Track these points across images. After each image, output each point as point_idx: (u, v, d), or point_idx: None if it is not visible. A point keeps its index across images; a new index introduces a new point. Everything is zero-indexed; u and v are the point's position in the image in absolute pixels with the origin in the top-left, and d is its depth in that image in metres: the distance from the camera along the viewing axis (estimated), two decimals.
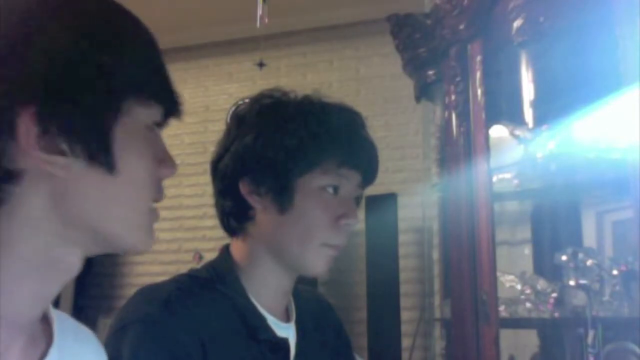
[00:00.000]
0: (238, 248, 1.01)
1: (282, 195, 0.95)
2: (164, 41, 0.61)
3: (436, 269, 2.55)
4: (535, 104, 2.01)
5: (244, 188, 0.97)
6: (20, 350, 0.55)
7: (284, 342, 0.98)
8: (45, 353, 0.58)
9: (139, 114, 0.58)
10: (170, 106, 0.62)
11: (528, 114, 2.02)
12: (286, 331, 0.99)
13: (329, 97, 1.02)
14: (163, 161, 0.63)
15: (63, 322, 0.64)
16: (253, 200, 0.97)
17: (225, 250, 1.02)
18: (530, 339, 2.08)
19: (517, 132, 1.95)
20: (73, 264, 0.57)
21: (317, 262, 0.97)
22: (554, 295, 1.80)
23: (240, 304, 0.95)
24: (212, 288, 0.95)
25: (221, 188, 1.01)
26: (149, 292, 0.93)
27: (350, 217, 0.97)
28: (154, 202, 0.62)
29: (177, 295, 0.90)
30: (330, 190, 0.97)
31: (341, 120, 0.98)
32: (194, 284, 0.95)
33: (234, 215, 1.00)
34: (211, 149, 1.03)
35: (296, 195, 0.95)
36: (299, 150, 0.94)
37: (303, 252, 0.96)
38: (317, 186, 0.96)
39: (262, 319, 0.96)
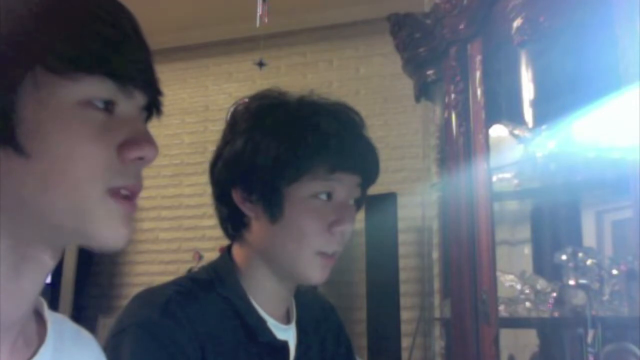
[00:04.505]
0: (237, 252, 1.00)
1: (272, 205, 0.92)
2: (164, 41, 0.60)
3: (436, 269, 2.55)
4: (535, 104, 2.01)
5: (236, 196, 0.95)
6: (9, 350, 0.55)
7: (284, 345, 0.97)
8: (37, 353, 0.57)
9: (62, 89, 0.52)
10: (119, 79, 0.54)
11: (528, 113, 2.02)
12: (286, 333, 0.99)
13: (326, 97, 0.98)
14: (125, 143, 0.55)
15: (61, 325, 0.63)
16: (246, 209, 0.95)
17: (227, 252, 1.01)
18: (530, 339, 2.08)
19: (517, 131, 1.96)
20: (43, 260, 0.55)
21: (311, 271, 0.94)
22: (554, 294, 1.80)
23: (240, 307, 0.95)
24: (212, 290, 0.95)
25: (217, 194, 1.00)
26: (148, 296, 0.92)
27: (343, 224, 0.93)
28: (121, 188, 0.55)
29: (177, 298, 0.90)
30: (323, 196, 0.93)
31: (332, 122, 0.94)
32: (193, 286, 0.94)
33: (230, 221, 0.99)
34: (211, 149, 1.02)
35: (286, 204, 0.92)
36: (286, 158, 0.91)
37: (296, 262, 0.94)
38: (308, 194, 0.92)
39: (262, 322, 0.96)
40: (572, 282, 1.77)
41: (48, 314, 0.62)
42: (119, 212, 0.55)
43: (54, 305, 0.62)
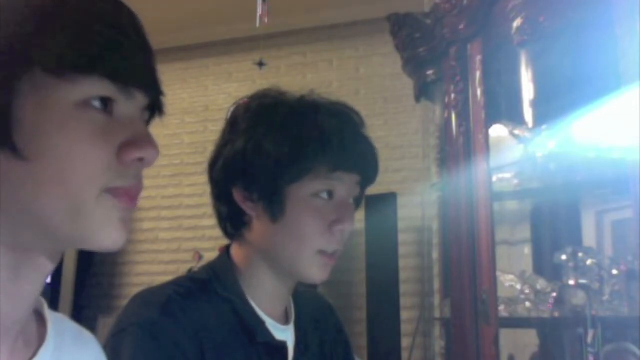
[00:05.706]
0: (237, 251, 1.00)
1: (273, 204, 0.93)
2: (164, 41, 0.60)
3: (436, 269, 2.55)
4: (535, 104, 2.01)
5: (237, 195, 0.95)
6: (9, 351, 0.55)
7: (282, 345, 0.97)
8: (37, 353, 0.57)
9: (60, 90, 0.51)
10: (117, 80, 0.54)
11: (528, 113, 2.02)
12: (285, 334, 0.99)
13: (326, 97, 0.99)
14: (125, 145, 0.55)
15: (61, 325, 0.63)
16: (247, 208, 0.96)
17: (226, 252, 1.02)
18: (529, 339, 2.08)
19: (517, 131, 1.96)
20: (42, 263, 0.55)
21: (312, 270, 0.95)
22: (554, 294, 1.80)
23: (239, 307, 0.95)
24: (211, 290, 0.95)
25: (217, 193, 1.00)
26: (147, 296, 0.92)
27: (344, 223, 0.94)
28: (120, 190, 0.55)
29: (176, 298, 0.90)
30: (324, 195, 0.94)
31: (333, 122, 0.94)
32: (192, 286, 0.94)
33: (230, 220, 0.99)
34: (211, 149, 1.02)
35: (287, 203, 0.93)
36: (288, 158, 0.91)
37: (297, 261, 0.94)
38: (309, 193, 0.93)
39: (261, 322, 0.96)
40: (572, 282, 1.77)
41: (48, 313, 0.62)
42: (116, 212, 0.54)
43: (54, 305, 0.62)
